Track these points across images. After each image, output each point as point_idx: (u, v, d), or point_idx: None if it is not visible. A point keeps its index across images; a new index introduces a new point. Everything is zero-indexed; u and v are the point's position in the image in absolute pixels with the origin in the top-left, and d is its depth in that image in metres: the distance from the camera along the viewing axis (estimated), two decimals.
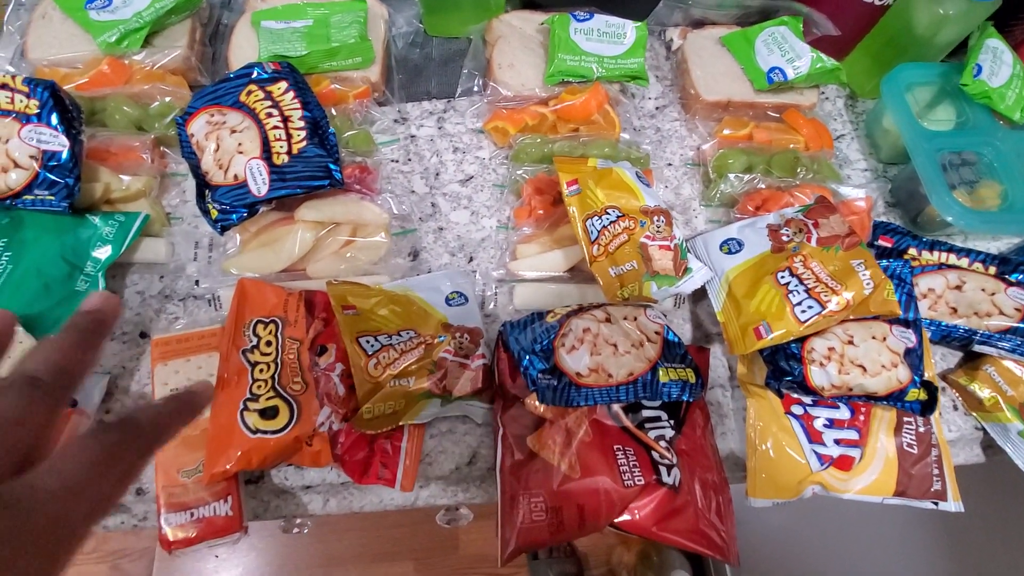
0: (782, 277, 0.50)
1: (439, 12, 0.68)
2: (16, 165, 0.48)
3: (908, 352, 0.50)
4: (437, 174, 0.63)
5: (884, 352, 0.49)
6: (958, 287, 0.58)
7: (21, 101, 0.48)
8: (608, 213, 0.52)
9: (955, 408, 0.58)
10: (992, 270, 0.60)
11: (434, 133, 0.65)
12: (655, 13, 0.70)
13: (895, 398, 0.48)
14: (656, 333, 0.50)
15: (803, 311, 0.48)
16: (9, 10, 0.62)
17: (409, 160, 0.63)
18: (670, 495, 0.45)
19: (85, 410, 0.46)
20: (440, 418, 0.52)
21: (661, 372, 0.48)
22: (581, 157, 0.57)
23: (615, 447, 0.46)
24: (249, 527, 0.46)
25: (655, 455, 0.46)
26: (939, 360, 0.60)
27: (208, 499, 0.45)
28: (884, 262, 0.55)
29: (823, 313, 0.47)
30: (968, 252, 0.61)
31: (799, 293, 0.49)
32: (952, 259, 0.61)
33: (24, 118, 0.48)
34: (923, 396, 0.48)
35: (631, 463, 0.45)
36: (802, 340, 0.50)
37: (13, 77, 0.48)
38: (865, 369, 0.48)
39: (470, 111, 0.66)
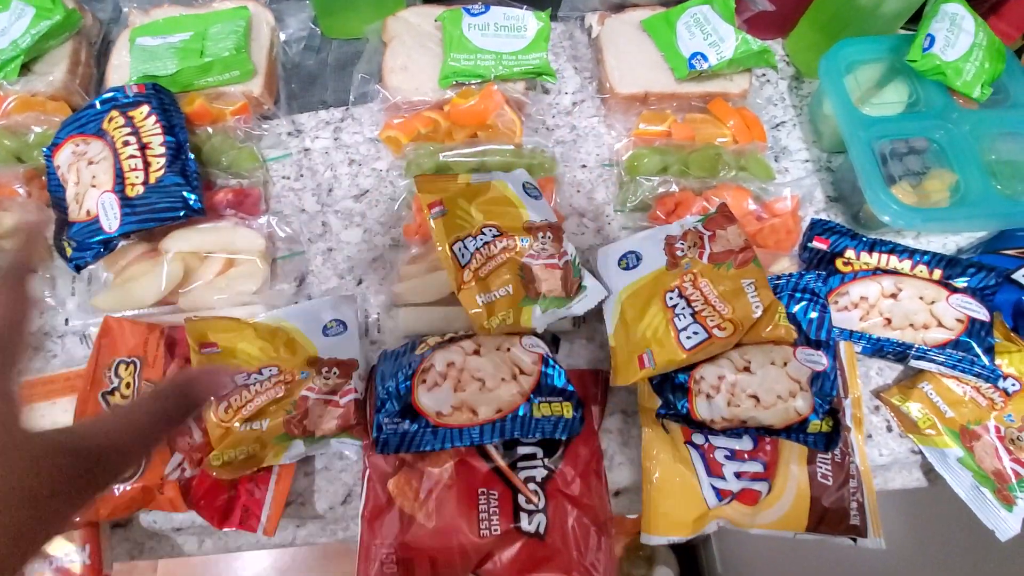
0: (671, 298, 0.46)
1: (334, 12, 0.64)
2: None
3: (816, 377, 0.45)
4: (330, 190, 0.60)
5: (782, 380, 0.44)
6: (893, 295, 0.52)
7: None
8: (483, 233, 0.48)
9: (889, 429, 0.52)
10: (937, 273, 0.53)
11: (330, 145, 0.61)
12: None
13: (794, 431, 0.43)
14: (533, 364, 0.46)
15: (688, 337, 0.44)
16: None
17: (301, 176, 0.60)
18: (534, 543, 0.42)
19: None
20: (317, 455, 0.50)
21: (535, 407, 0.44)
22: (449, 174, 0.53)
23: (480, 491, 0.43)
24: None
25: (521, 499, 0.43)
26: (875, 375, 0.54)
27: (67, 547, 0.44)
28: (796, 275, 0.49)
29: (707, 340, 0.43)
30: (913, 252, 0.54)
31: (685, 317, 0.44)
32: (893, 261, 0.54)
33: None
34: (826, 428, 0.43)
35: (492, 509, 0.42)
36: (692, 367, 0.45)
37: None
38: (759, 400, 0.44)
39: (369, 120, 0.62)
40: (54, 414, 0.48)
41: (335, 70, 0.64)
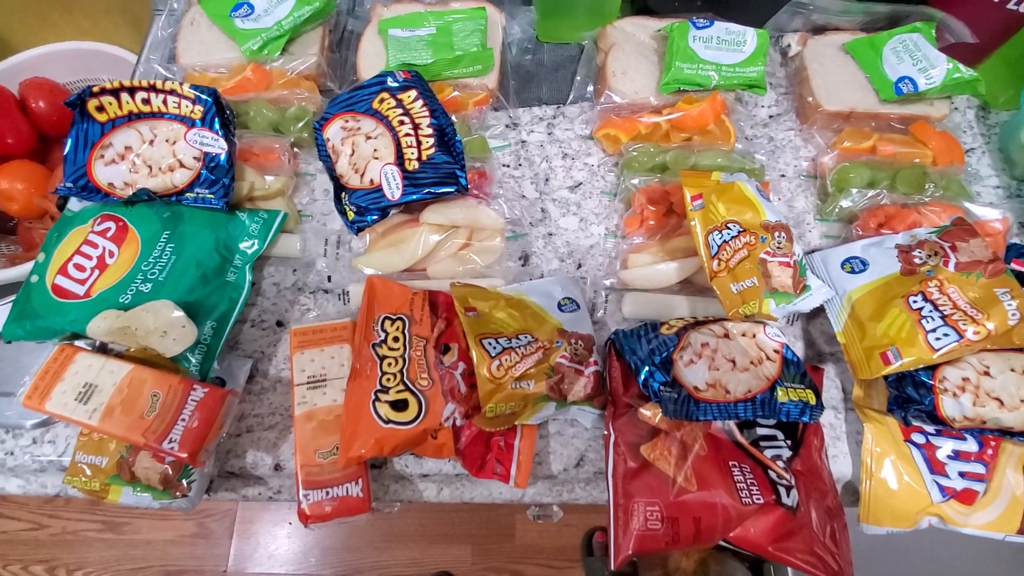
0: (914, 301, 0.49)
1: (554, 17, 0.69)
2: (182, 165, 0.53)
3: None
4: (547, 179, 0.64)
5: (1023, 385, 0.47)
6: None
7: (187, 107, 0.53)
8: (729, 228, 0.52)
9: None
10: None
11: (544, 139, 0.66)
12: (773, 18, 0.68)
13: None
14: (775, 351, 0.50)
15: (937, 339, 0.47)
16: (163, 17, 0.68)
17: (520, 165, 0.65)
18: (787, 516, 0.45)
19: (236, 390, 0.50)
20: (550, 420, 0.54)
21: (780, 392, 0.48)
22: (705, 171, 0.57)
23: (731, 463, 0.47)
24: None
25: (772, 475, 0.46)
26: None
27: (341, 480, 0.48)
28: None
29: (960, 342, 0.46)
30: None
31: (933, 319, 0.47)
32: None
33: (189, 122, 0.53)
34: None
35: (748, 480, 0.45)
36: (933, 368, 0.48)
37: (180, 84, 0.53)
38: (1002, 403, 0.46)
39: (579, 118, 0.67)
40: (323, 360, 0.52)
41: (550, 71, 0.69)
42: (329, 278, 0.58)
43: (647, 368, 0.47)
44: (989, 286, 0.47)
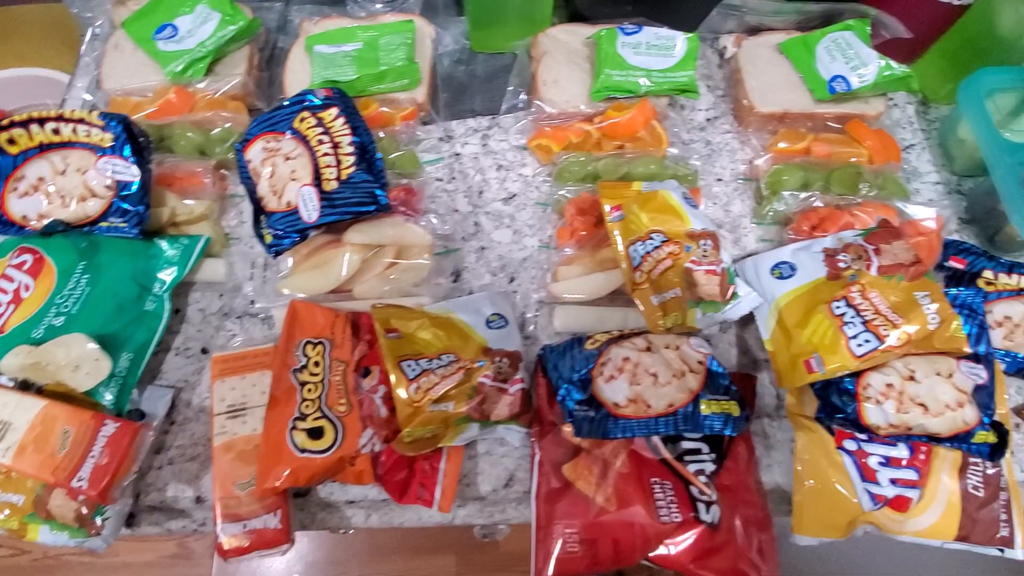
0: (837, 307, 0.48)
1: (485, 27, 0.68)
2: (93, 195, 0.52)
3: (977, 389, 0.46)
4: (480, 192, 0.63)
5: (949, 390, 0.46)
6: None
7: (97, 134, 0.52)
8: (652, 238, 0.51)
9: None
10: None
11: (478, 151, 0.65)
12: (707, 20, 0.67)
13: (960, 440, 0.45)
14: (699, 363, 0.49)
15: (859, 345, 0.46)
16: (86, 41, 0.67)
17: (453, 179, 0.64)
18: (708, 533, 0.44)
19: (149, 423, 0.50)
20: (479, 440, 0.53)
21: (703, 404, 0.47)
22: (625, 181, 0.56)
23: (652, 480, 0.46)
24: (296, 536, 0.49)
25: (694, 491, 0.45)
26: (1014, 393, 0.56)
27: (260, 512, 0.47)
28: (954, 291, 0.51)
29: (881, 348, 0.45)
30: None
31: (855, 325, 0.46)
32: None
33: (99, 150, 0.52)
34: (992, 439, 0.45)
35: (668, 498, 0.45)
36: (857, 374, 0.47)
37: (89, 111, 0.52)
38: (927, 408, 0.45)
39: (514, 128, 0.66)
40: (244, 388, 0.51)
41: (483, 82, 0.68)
42: (252, 302, 0.57)
43: (565, 387, 0.46)
44: (910, 289, 0.47)
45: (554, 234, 0.60)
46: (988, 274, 0.57)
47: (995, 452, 0.45)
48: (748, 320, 0.56)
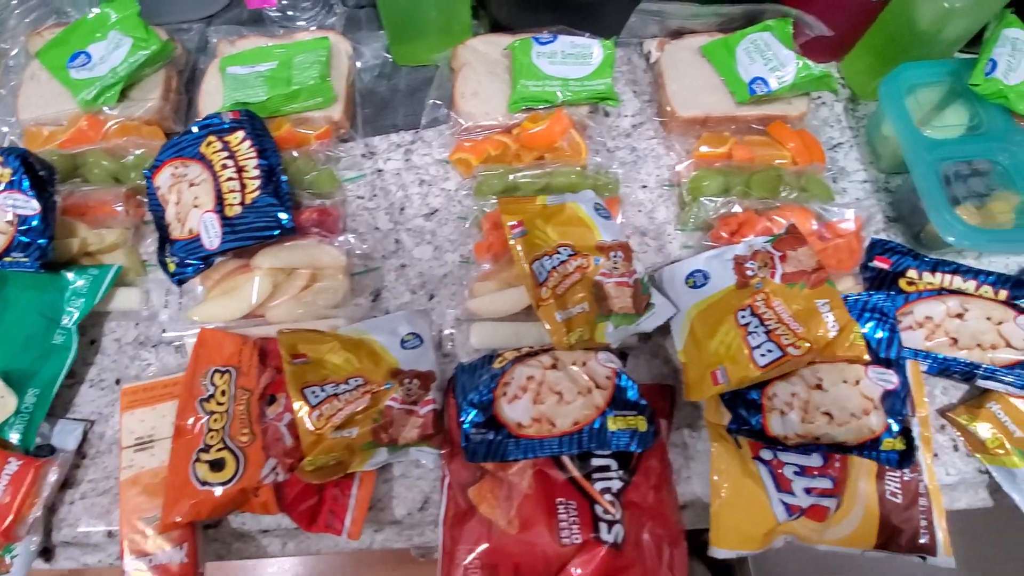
0: (743, 316, 0.47)
1: (405, 41, 0.67)
2: None
3: (887, 395, 0.46)
4: (402, 209, 0.63)
5: (855, 398, 0.45)
6: (959, 315, 0.53)
7: None
8: (559, 252, 0.50)
9: (955, 449, 0.53)
10: (1003, 294, 0.54)
11: (401, 166, 0.65)
12: (629, 25, 0.66)
13: (867, 448, 0.44)
14: (607, 378, 0.48)
15: (762, 355, 0.45)
16: (0, 72, 0.66)
17: (375, 196, 0.63)
18: (612, 553, 0.43)
19: (52, 460, 0.49)
20: (393, 463, 0.52)
21: (610, 421, 0.46)
22: (530, 196, 0.55)
23: (558, 500, 0.45)
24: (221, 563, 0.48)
25: (598, 509, 0.45)
26: (939, 394, 0.55)
27: (166, 546, 0.47)
28: (864, 295, 0.50)
29: (783, 358, 0.44)
30: (977, 273, 0.55)
31: (759, 335, 0.46)
32: (957, 282, 0.55)
33: None
34: (900, 446, 0.44)
35: (571, 519, 0.44)
36: (763, 385, 0.46)
37: None
38: (832, 417, 0.45)
39: (437, 142, 0.66)
40: (153, 419, 0.51)
41: (406, 95, 0.68)
42: (164, 330, 0.56)
43: (465, 409, 0.45)
44: (811, 297, 0.46)
45: (472, 250, 0.59)
46: (912, 273, 0.56)
47: (903, 459, 0.44)
48: (668, 330, 0.56)
